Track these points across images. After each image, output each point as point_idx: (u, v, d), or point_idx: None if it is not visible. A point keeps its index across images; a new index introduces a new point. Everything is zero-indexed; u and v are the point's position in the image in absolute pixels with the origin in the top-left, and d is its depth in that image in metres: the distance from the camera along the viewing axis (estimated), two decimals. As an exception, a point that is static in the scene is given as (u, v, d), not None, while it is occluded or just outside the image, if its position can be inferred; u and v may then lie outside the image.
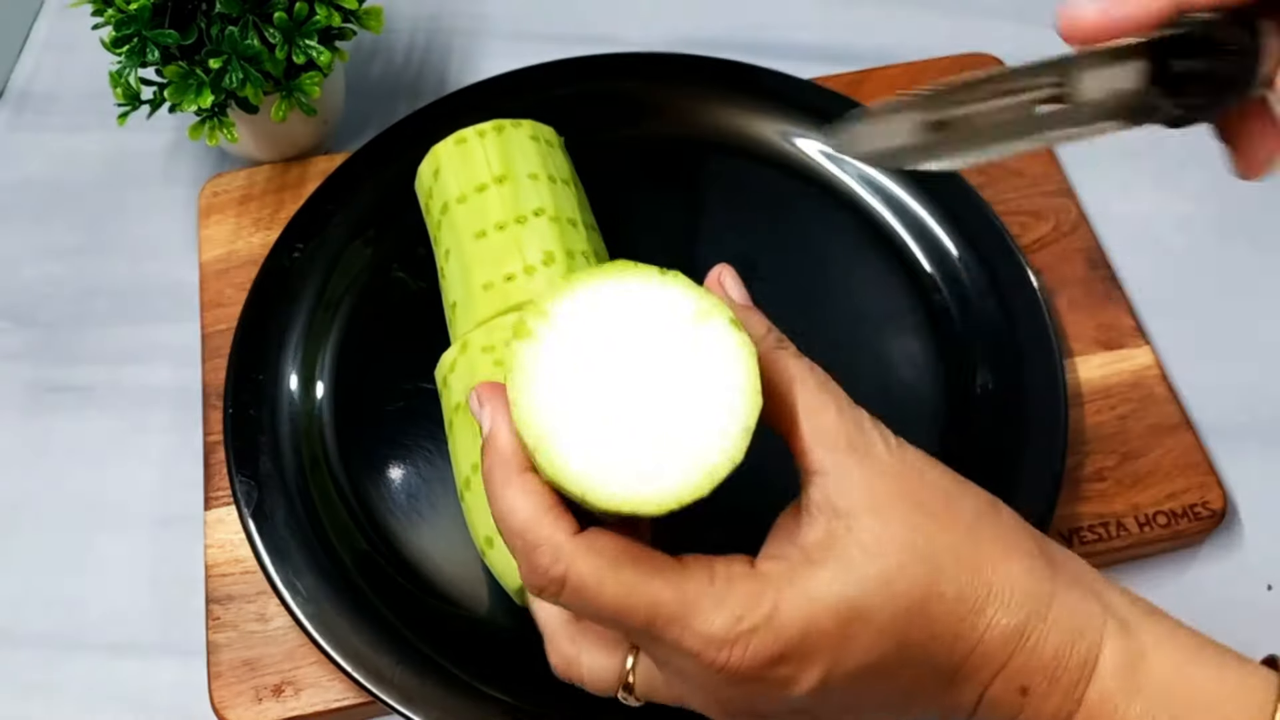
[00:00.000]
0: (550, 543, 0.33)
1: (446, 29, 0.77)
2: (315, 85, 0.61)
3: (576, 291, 0.33)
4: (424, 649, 0.50)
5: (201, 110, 0.59)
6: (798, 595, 0.32)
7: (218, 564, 0.55)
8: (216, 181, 0.67)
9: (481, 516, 0.48)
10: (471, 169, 0.56)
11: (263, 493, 0.53)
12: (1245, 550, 0.56)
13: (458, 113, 0.63)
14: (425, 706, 0.48)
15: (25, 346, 0.64)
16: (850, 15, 0.76)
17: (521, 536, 0.33)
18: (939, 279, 0.60)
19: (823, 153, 0.64)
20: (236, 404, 0.56)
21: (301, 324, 0.59)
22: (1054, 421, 0.54)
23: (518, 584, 0.47)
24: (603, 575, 0.32)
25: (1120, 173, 0.68)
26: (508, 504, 0.34)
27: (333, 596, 0.51)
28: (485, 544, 0.48)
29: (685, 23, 0.76)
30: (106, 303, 0.65)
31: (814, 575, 0.32)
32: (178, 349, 0.63)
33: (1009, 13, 0.75)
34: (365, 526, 0.54)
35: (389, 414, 0.57)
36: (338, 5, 0.60)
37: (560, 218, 0.55)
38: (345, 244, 0.62)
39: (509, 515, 0.34)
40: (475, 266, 0.54)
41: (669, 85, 0.67)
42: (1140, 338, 0.60)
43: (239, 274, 0.63)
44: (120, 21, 0.58)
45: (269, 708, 0.51)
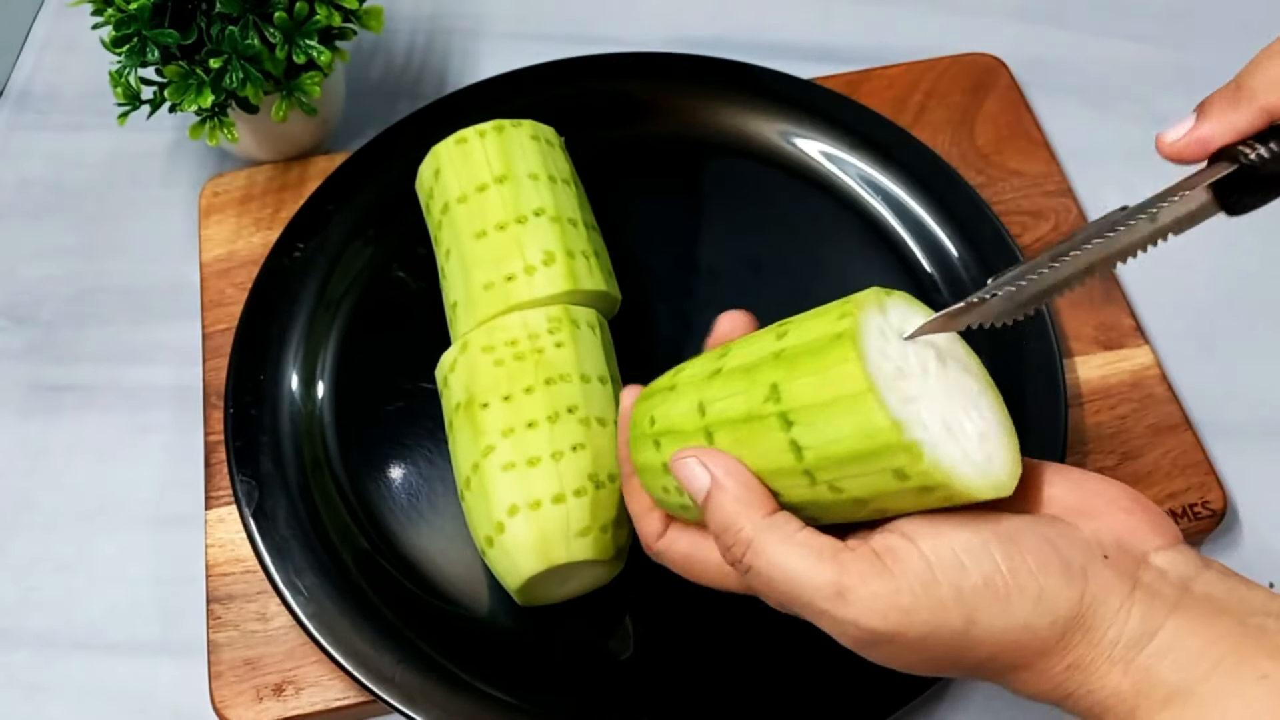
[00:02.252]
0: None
1: (446, 29, 0.77)
2: (315, 85, 0.61)
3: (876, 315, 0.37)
4: (425, 648, 0.50)
5: (201, 110, 0.59)
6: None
7: (218, 563, 0.55)
8: (217, 181, 0.67)
9: (481, 516, 0.48)
10: (472, 169, 0.56)
11: (263, 492, 0.54)
12: (1245, 550, 0.56)
13: (458, 113, 0.63)
14: (426, 706, 0.48)
15: (25, 346, 0.64)
16: (850, 15, 0.76)
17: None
18: (939, 279, 0.60)
19: (823, 153, 0.64)
20: (237, 403, 0.56)
21: (302, 324, 0.59)
22: (1054, 421, 0.54)
23: (517, 583, 0.47)
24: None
25: (1120, 173, 0.68)
26: (784, 555, 0.36)
27: (333, 596, 0.51)
28: (485, 543, 0.48)
29: (685, 23, 0.76)
30: (107, 303, 0.65)
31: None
32: (178, 349, 0.63)
33: (1009, 13, 0.75)
34: (365, 526, 0.54)
35: (389, 414, 0.57)
36: (338, 5, 0.60)
37: (560, 217, 0.55)
38: (345, 244, 0.62)
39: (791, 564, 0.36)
40: (476, 266, 0.54)
41: (669, 85, 0.67)
42: (1140, 338, 0.60)
43: (239, 274, 0.63)
44: (120, 21, 0.58)
45: (269, 707, 0.51)
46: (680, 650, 0.51)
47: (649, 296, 0.60)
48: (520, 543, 0.47)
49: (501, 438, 0.49)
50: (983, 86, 0.69)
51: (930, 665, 0.36)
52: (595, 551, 0.47)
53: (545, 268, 0.53)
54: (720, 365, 0.40)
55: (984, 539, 0.35)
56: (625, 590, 0.51)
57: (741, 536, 0.36)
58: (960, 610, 0.34)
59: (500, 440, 0.49)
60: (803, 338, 0.37)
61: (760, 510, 0.37)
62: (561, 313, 0.52)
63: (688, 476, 0.38)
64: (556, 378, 0.50)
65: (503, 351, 0.51)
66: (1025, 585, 0.34)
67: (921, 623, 0.34)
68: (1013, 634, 0.34)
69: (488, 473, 0.48)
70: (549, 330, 0.51)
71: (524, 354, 0.51)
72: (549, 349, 0.51)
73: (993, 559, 0.34)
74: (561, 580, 0.48)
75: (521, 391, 0.50)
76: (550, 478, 0.47)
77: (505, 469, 0.48)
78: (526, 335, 0.51)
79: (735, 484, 0.37)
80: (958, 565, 0.34)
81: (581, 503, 0.47)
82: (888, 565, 0.35)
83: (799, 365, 0.36)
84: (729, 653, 0.51)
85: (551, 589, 0.49)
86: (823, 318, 0.37)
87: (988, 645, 0.34)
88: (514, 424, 0.49)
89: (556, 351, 0.51)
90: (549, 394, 0.49)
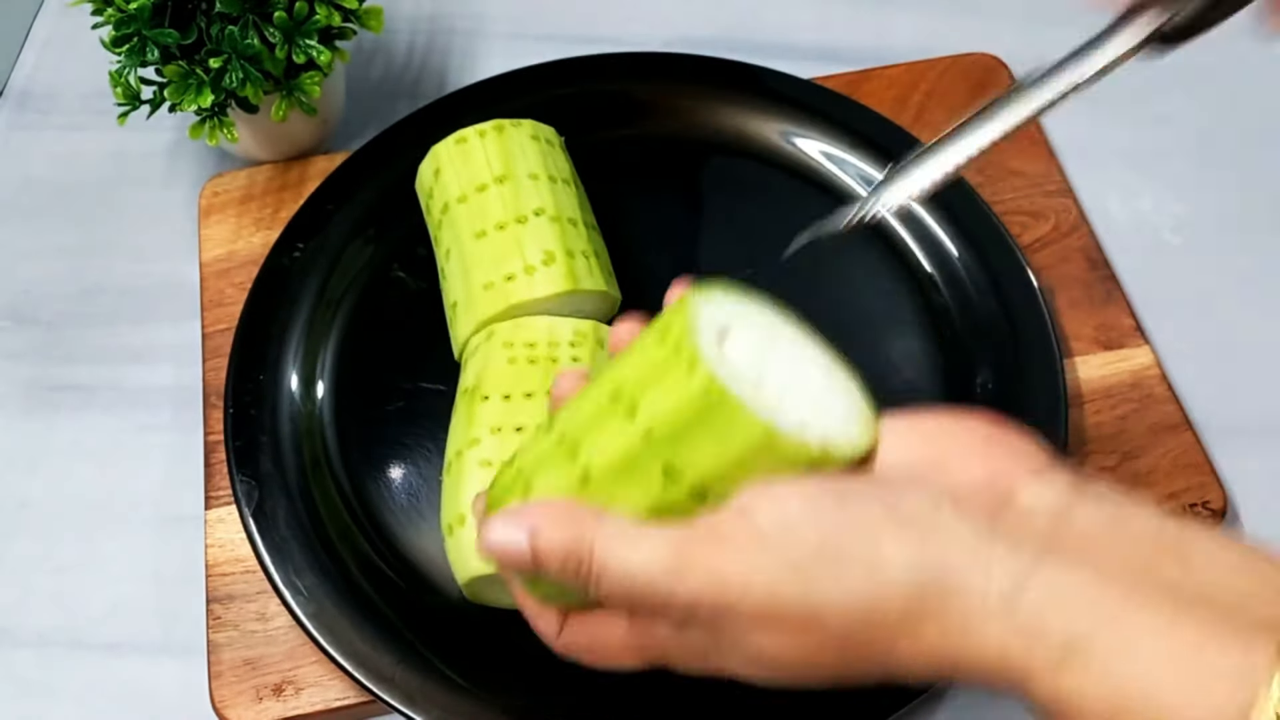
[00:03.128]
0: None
1: (446, 29, 0.77)
2: (315, 85, 0.61)
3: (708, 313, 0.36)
4: (424, 648, 0.50)
5: (201, 110, 0.59)
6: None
7: (218, 563, 0.55)
8: (217, 181, 0.67)
9: (449, 504, 0.49)
10: (472, 169, 0.56)
11: (263, 492, 0.54)
12: (1245, 550, 0.56)
13: (458, 113, 0.63)
14: (425, 706, 0.48)
15: (25, 346, 0.64)
16: (850, 15, 0.76)
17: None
18: (939, 279, 0.60)
19: (823, 153, 0.64)
20: (237, 403, 0.56)
21: (301, 324, 0.59)
22: (1054, 421, 0.54)
23: (464, 579, 0.48)
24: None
25: (1120, 173, 0.68)
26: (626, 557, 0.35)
27: (333, 596, 0.51)
28: (447, 531, 0.49)
29: (685, 23, 0.76)
30: (107, 302, 0.65)
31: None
32: (178, 349, 0.63)
33: (1009, 13, 0.75)
34: (365, 526, 0.54)
35: (389, 414, 0.57)
36: (338, 5, 0.60)
37: (560, 217, 0.55)
38: (345, 244, 0.62)
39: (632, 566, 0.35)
40: (476, 266, 0.54)
41: (669, 85, 0.67)
42: (1140, 338, 0.60)
43: (239, 274, 0.63)
44: (120, 21, 0.58)
45: (269, 707, 0.51)
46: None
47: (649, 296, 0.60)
48: (474, 541, 0.47)
49: (489, 434, 0.49)
50: (983, 86, 0.69)
51: (798, 653, 0.34)
52: None
53: (545, 268, 0.53)
54: (583, 468, 0.37)
55: (816, 506, 0.33)
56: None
57: (582, 550, 0.35)
58: (794, 578, 0.32)
59: (487, 436, 0.49)
60: (662, 409, 0.35)
61: (590, 520, 0.35)
62: (590, 329, 0.52)
63: (502, 543, 0.36)
64: None
65: (520, 351, 0.51)
66: (856, 547, 0.32)
67: (759, 593, 0.33)
68: (854, 600, 0.32)
69: (465, 463, 0.49)
70: (571, 343, 0.52)
71: (538, 359, 0.51)
72: (564, 361, 0.51)
73: (823, 523, 0.32)
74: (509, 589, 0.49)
75: (522, 395, 0.50)
76: None
77: (482, 465, 0.48)
78: (547, 341, 0.51)
79: (553, 517, 0.36)
80: (789, 531, 0.33)
81: None
82: (721, 535, 0.34)
83: (685, 440, 0.35)
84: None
85: (499, 594, 0.49)
86: (669, 376, 0.35)
87: (836, 615, 0.32)
88: (504, 424, 0.49)
89: (571, 366, 0.51)
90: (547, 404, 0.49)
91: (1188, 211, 0.67)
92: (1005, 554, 0.31)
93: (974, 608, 0.31)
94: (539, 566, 0.36)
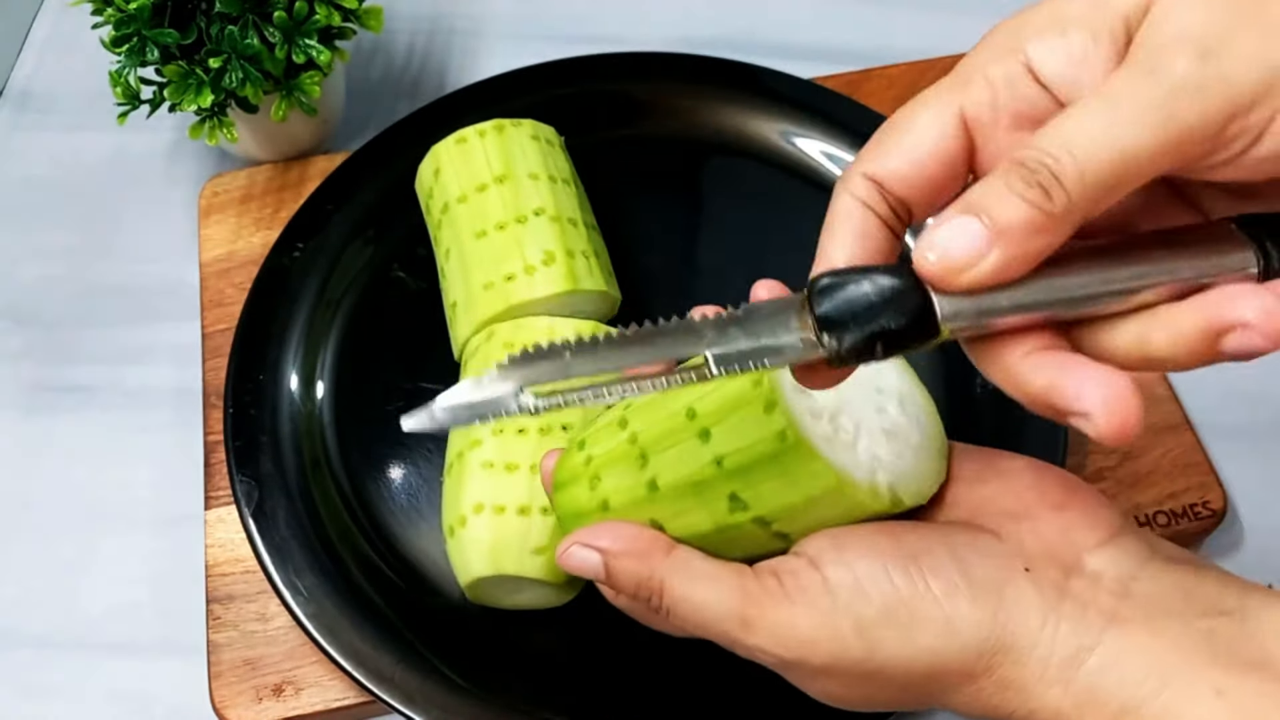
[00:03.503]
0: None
1: (446, 29, 0.77)
2: (315, 85, 0.61)
3: None
4: (424, 648, 0.50)
5: (201, 110, 0.59)
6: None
7: (218, 563, 0.55)
8: (216, 181, 0.67)
9: (451, 505, 0.49)
10: (472, 168, 0.56)
11: (263, 492, 0.53)
12: (1245, 550, 0.56)
13: (458, 112, 0.63)
14: (425, 706, 0.48)
15: (25, 346, 0.64)
16: (850, 15, 0.76)
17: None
18: (939, 279, 0.60)
19: (823, 153, 0.64)
20: (237, 404, 0.56)
21: (301, 324, 0.59)
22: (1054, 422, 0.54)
23: (465, 580, 0.48)
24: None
25: (1120, 173, 0.68)
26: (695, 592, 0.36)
27: (333, 596, 0.51)
28: (448, 532, 0.49)
29: (685, 23, 0.76)
30: (106, 303, 0.65)
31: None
32: (178, 349, 0.63)
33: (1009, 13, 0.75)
34: (365, 526, 0.54)
35: (389, 414, 0.57)
36: (338, 5, 0.60)
37: (561, 217, 0.55)
38: (345, 244, 0.61)
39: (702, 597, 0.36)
40: (476, 266, 0.54)
41: (669, 85, 0.67)
42: (1140, 338, 0.60)
43: (239, 274, 0.63)
44: (120, 21, 0.58)
45: (269, 707, 0.51)
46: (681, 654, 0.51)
47: (649, 296, 0.60)
48: (476, 542, 0.47)
49: (490, 435, 0.49)
50: (983, 86, 0.69)
51: (859, 694, 0.35)
52: (546, 573, 0.47)
53: (545, 267, 0.53)
54: (651, 478, 0.37)
55: (885, 563, 0.33)
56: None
57: (653, 585, 0.36)
58: (860, 641, 0.33)
59: (489, 437, 0.49)
60: (736, 444, 0.35)
61: (660, 554, 0.36)
62: (590, 330, 0.52)
63: (579, 565, 0.37)
64: None
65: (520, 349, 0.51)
66: (928, 612, 0.33)
67: (824, 652, 0.33)
68: (921, 661, 0.33)
69: (467, 464, 0.49)
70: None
71: None
72: None
73: (893, 585, 0.33)
74: (511, 590, 0.49)
75: (523, 394, 0.50)
76: (522, 488, 0.48)
77: (484, 466, 0.48)
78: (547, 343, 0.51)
79: (626, 544, 0.37)
80: (859, 592, 0.33)
81: (546, 521, 0.47)
82: (789, 592, 0.34)
83: (754, 475, 0.35)
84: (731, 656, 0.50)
85: (501, 595, 0.49)
86: (745, 409, 0.35)
87: (899, 673, 0.33)
88: (506, 425, 0.49)
89: None
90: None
91: (1188, 211, 0.67)
92: (1070, 623, 0.32)
93: (1035, 673, 0.32)
94: (612, 590, 0.37)
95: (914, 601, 0.33)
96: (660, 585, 0.36)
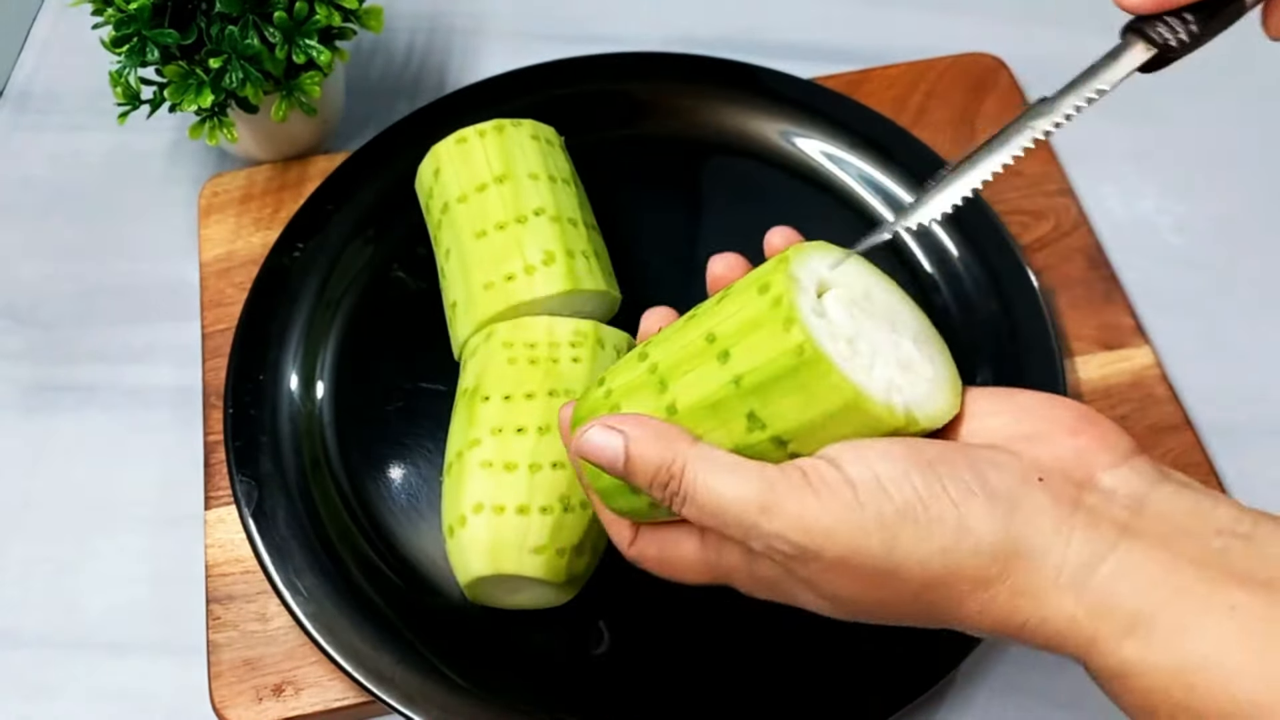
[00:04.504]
0: None
1: (446, 29, 0.77)
2: (315, 85, 0.61)
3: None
4: (424, 649, 0.50)
5: (201, 110, 0.59)
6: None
7: (218, 564, 0.55)
8: (216, 181, 0.67)
9: (450, 505, 0.49)
10: (472, 168, 0.56)
11: (263, 492, 0.53)
12: (1245, 550, 0.56)
13: (458, 112, 0.63)
14: (425, 706, 0.48)
15: (25, 346, 0.64)
16: (850, 15, 0.76)
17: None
18: (939, 279, 0.60)
19: (823, 153, 0.64)
20: (237, 404, 0.56)
21: (301, 324, 0.59)
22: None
23: (465, 580, 0.48)
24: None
25: (1120, 173, 0.68)
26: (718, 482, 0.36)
27: (333, 596, 0.51)
28: (448, 532, 0.49)
29: (685, 23, 0.76)
30: (106, 303, 0.65)
31: None
32: (178, 349, 0.63)
33: (1009, 13, 0.75)
34: (365, 526, 0.54)
35: (389, 414, 0.57)
36: (338, 5, 0.60)
37: (560, 217, 0.55)
38: (345, 244, 0.62)
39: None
40: (476, 266, 0.54)
41: (669, 85, 0.67)
42: (1140, 338, 0.60)
43: (239, 273, 0.63)
44: (120, 21, 0.58)
45: (269, 707, 0.51)
46: (682, 655, 0.51)
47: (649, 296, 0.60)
48: (475, 542, 0.47)
49: (490, 435, 0.49)
50: (983, 86, 0.69)
51: (871, 597, 0.35)
52: (545, 572, 0.47)
53: (545, 267, 0.53)
54: (670, 402, 0.38)
55: (906, 467, 0.34)
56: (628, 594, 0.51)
57: (674, 468, 0.36)
58: (880, 535, 0.33)
59: (488, 437, 0.49)
60: (754, 361, 0.36)
61: (684, 442, 0.36)
62: (591, 329, 0.52)
63: (598, 446, 0.37)
64: (561, 391, 0.50)
65: (520, 351, 0.51)
66: (944, 513, 0.33)
67: (843, 544, 0.34)
68: (935, 561, 0.33)
69: (467, 464, 0.49)
70: (571, 343, 0.52)
71: (539, 359, 0.51)
72: (564, 361, 0.51)
73: (913, 486, 0.34)
74: (511, 590, 0.49)
75: (523, 395, 0.50)
76: (520, 487, 0.48)
77: (483, 466, 0.48)
78: (547, 342, 0.51)
79: (651, 429, 0.37)
80: (880, 490, 0.34)
81: (545, 520, 0.47)
82: (812, 483, 0.34)
83: (772, 392, 0.36)
84: (732, 656, 0.51)
85: (501, 595, 0.49)
86: (764, 329, 0.36)
87: (914, 572, 0.34)
88: (505, 425, 0.49)
89: (571, 366, 0.51)
90: (548, 405, 0.49)
91: (1188, 211, 0.67)
92: (1084, 531, 0.33)
93: (1049, 579, 0.33)
94: (629, 475, 0.37)
95: (931, 502, 0.33)
96: (681, 469, 0.36)
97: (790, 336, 0.35)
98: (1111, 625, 0.32)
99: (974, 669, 0.53)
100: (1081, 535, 0.33)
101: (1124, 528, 0.33)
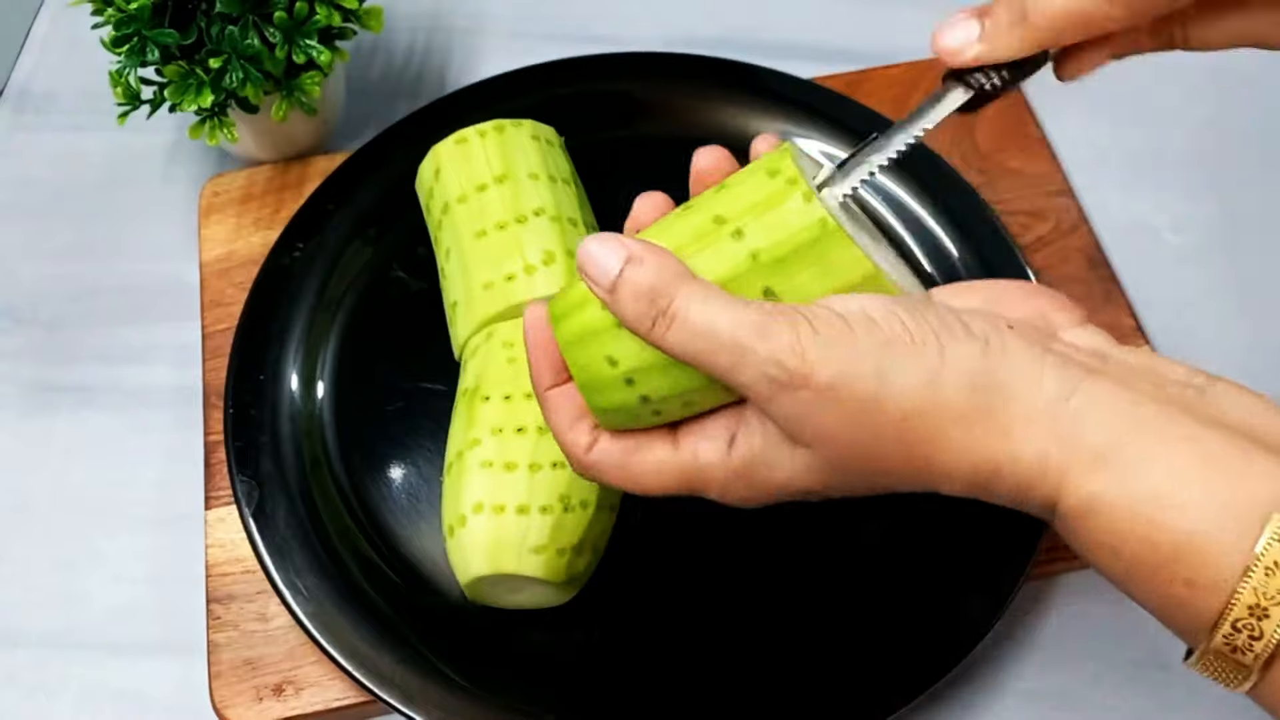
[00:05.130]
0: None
1: (446, 29, 0.77)
2: (315, 85, 0.61)
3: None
4: (424, 649, 0.50)
5: (201, 110, 0.59)
6: None
7: (218, 563, 0.55)
8: (216, 181, 0.67)
9: (450, 504, 0.49)
10: (472, 168, 0.56)
11: (263, 492, 0.54)
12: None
13: (458, 113, 0.63)
14: (425, 706, 0.48)
15: (25, 346, 0.64)
16: (850, 15, 0.76)
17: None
18: (939, 279, 0.60)
19: (823, 153, 0.64)
20: (237, 404, 0.56)
21: (301, 324, 0.59)
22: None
23: (465, 580, 0.48)
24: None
25: (1120, 173, 0.68)
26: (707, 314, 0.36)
27: (333, 596, 0.51)
28: (448, 531, 0.49)
29: (685, 23, 0.76)
30: (106, 303, 0.65)
31: None
32: (178, 349, 0.63)
33: (1009, 13, 0.75)
34: (365, 526, 0.54)
35: (389, 414, 0.57)
36: (338, 5, 0.60)
37: (561, 217, 0.55)
38: (345, 244, 0.62)
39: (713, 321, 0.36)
40: (476, 266, 0.54)
41: (669, 85, 0.67)
42: (1140, 338, 0.60)
43: (239, 273, 0.63)
44: (120, 21, 0.58)
45: (269, 707, 0.51)
46: (682, 655, 0.51)
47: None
48: (475, 541, 0.47)
49: (489, 435, 0.49)
50: (983, 86, 0.69)
51: (855, 439, 0.35)
52: (545, 571, 0.47)
53: (545, 267, 0.53)
54: None
55: (892, 306, 0.36)
56: (628, 594, 0.51)
57: (670, 290, 0.36)
58: (871, 359, 0.34)
59: (488, 437, 0.49)
60: (774, 237, 0.37)
61: (686, 273, 0.36)
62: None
63: (597, 259, 0.37)
64: None
65: (520, 351, 0.51)
66: (928, 340, 0.35)
67: (835, 366, 0.34)
68: (919, 391, 0.34)
69: (466, 464, 0.49)
70: None
71: None
72: None
73: (900, 321, 0.35)
74: (511, 590, 0.49)
75: (523, 395, 0.50)
76: (520, 487, 0.48)
77: (483, 466, 0.48)
78: None
79: (656, 253, 0.37)
80: (869, 322, 0.35)
81: (545, 520, 0.47)
82: (804, 314, 0.35)
83: (791, 265, 0.37)
84: (732, 655, 0.51)
85: (501, 595, 0.49)
86: (781, 206, 0.37)
87: (898, 403, 0.34)
88: (504, 425, 0.49)
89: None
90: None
91: (1187, 211, 0.67)
92: (1055, 370, 0.35)
93: (1021, 411, 0.34)
94: (619, 287, 0.36)
95: (917, 333, 0.35)
96: (676, 290, 0.36)
97: (812, 209, 0.36)
98: (1080, 457, 0.33)
99: (974, 669, 0.53)
100: (1053, 373, 0.34)
101: (1090, 370, 0.35)
